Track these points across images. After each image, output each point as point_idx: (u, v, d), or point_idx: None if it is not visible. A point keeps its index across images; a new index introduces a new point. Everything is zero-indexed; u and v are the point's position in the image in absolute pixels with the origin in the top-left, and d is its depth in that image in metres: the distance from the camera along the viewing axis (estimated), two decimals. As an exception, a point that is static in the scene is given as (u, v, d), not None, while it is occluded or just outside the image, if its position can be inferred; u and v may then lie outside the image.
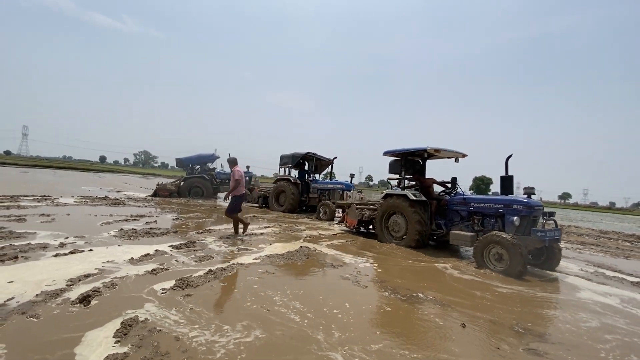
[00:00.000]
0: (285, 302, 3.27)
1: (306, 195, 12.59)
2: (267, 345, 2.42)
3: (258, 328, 2.67)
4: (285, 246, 5.98)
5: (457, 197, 6.74)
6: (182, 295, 3.25)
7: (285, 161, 13.04)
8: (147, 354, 2.17)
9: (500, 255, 5.18)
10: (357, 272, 4.69)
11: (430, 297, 3.87)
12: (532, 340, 2.90)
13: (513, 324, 3.22)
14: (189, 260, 4.55)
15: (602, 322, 3.52)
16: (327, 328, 2.79)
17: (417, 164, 8.08)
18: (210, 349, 2.31)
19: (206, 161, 16.97)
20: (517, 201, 5.64)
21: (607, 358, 2.71)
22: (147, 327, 2.54)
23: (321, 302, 3.40)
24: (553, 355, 2.65)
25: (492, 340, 2.84)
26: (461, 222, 6.55)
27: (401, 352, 2.49)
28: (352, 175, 13.13)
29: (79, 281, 3.39)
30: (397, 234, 7.09)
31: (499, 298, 4.05)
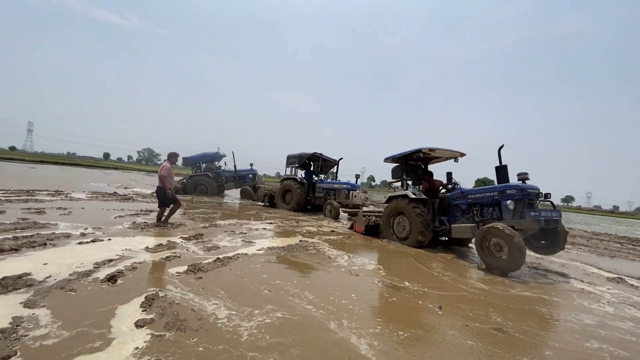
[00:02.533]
0: (280, 283, 3.74)
1: (312, 195, 12.85)
2: (265, 314, 2.88)
3: (260, 303, 3.13)
4: (285, 240, 6.45)
5: (455, 192, 6.92)
6: (194, 277, 3.71)
7: (292, 161, 13.25)
8: (169, 320, 2.63)
9: (500, 246, 5.21)
10: (349, 262, 5.14)
11: (412, 286, 4.31)
12: (497, 324, 3.35)
13: (486, 310, 3.67)
14: (198, 249, 5.02)
15: (575, 318, 3.96)
16: (307, 298, 3.25)
17: (419, 168, 8.24)
18: (217, 316, 2.78)
19: (212, 159, 17.52)
20: (510, 186, 5.84)
21: (566, 337, 3.15)
22: (167, 301, 3.00)
23: (303, 280, 3.86)
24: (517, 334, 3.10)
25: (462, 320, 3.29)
26: (462, 216, 6.72)
27: (390, 328, 2.95)
28: (358, 175, 13.30)
29: (103, 264, 3.86)
30: (402, 234, 7.24)
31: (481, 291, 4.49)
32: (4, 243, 4.26)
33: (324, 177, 13.80)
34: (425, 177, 7.79)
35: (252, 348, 2.33)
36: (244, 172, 17.51)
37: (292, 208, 12.37)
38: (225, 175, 17.29)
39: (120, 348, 2.18)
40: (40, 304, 2.71)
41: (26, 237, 4.71)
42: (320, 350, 2.40)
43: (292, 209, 12.32)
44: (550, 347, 2.86)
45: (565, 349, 2.84)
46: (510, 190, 5.78)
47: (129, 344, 2.23)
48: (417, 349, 2.59)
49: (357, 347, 2.50)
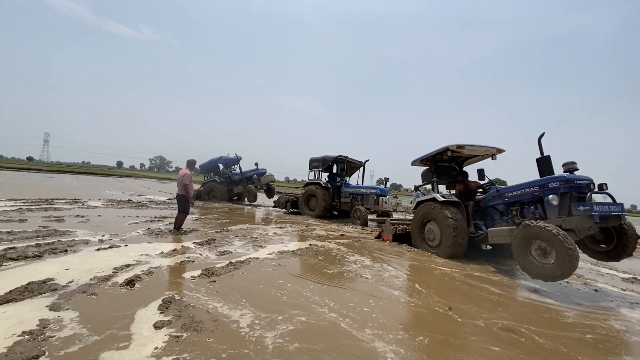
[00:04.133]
0: (292, 287, 3.82)
1: (337, 200, 12.24)
2: (274, 313, 2.96)
3: (267, 305, 3.22)
4: (296, 244, 6.53)
5: (491, 192, 6.14)
6: (208, 281, 3.83)
7: (315, 164, 12.70)
8: (186, 321, 2.73)
9: (545, 250, 4.40)
10: (357, 265, 5.19)
11: (422, 289, 4.34)
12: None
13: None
14: (210, 254, 5.15)
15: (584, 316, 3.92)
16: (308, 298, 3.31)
17: (452, 170, 7.47)
18: (230, 318, 2.87)
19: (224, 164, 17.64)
20: (553, 178, 5.01)
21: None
22: (183, 303, 3.11)
23: (315, 284, 3.93)
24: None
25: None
26: (500, 218, 5.97)
27: (402, 332, 3.00)
28: (387, 179, 12.42)
29: (122, 269, 4.01)
30: (433, 243, 6.52)
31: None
32: (27, 250, 4.46)
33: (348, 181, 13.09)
34: (459, 178, 7.06)
35: (260, 345, 2.42)
36: (249, 173, 17.41)
37: (317, 214, 11.84)
38: (234, 178, 17.33)
39: (141, 348, 2.29)
40: (65, 307, 2.85)
41: (48, 244, 4.91)
42: (321, 335, 2.47)
43: (317, 215, 11.80)
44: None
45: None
46: (553, 183, 4.94)
47: (149, 344, 2.34)
48: (440, 353, 2.63)
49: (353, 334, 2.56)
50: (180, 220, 6.95)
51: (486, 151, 6.53)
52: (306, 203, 12.50)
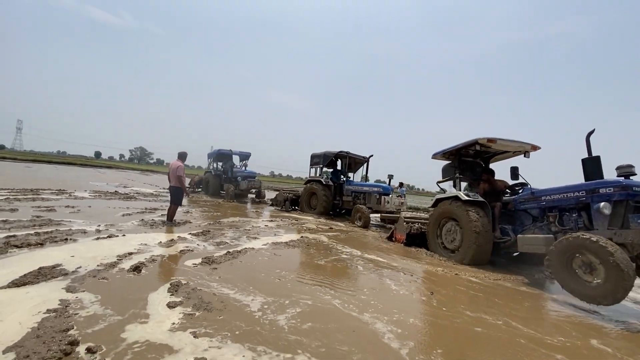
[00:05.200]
0: (279, 272, 4.15)
1: (339, 198, 11.76)
2: (274, 293, 3.28)
3: (269, 287, 3.53)
4: (288, 236, 6.85)
5: (524, 193, 5.49)
6: (210, 268, 4.09)
7: (316, 161, 12.22)
8: (195, 302, 3.00)
9: (592, 266, 3.75)
10: (347, 255, 5.57)
11: (402, 271, 4.75)
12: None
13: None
14: (208, 245, 5.39)
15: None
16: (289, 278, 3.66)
17: (477, 167, 6.79)
18: (240, 301, 3.16)
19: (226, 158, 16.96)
20: (605, 183, 4.32)
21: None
22: (190, 287, 3.37)
23: (306, 268, 4.27)
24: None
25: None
26: (533, 224, 5.28)
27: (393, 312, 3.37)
28: (391, 176, 11.42)
29: (125, 257, 4.21)
30: (451, 245, 5.96)
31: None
32: (29, 238, 4.58)
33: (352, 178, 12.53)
34: (484, 176, 6.32)
35: (265, 321, 2.73)
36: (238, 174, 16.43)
37: (318, 213, 11.45)
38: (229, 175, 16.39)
39: (160, 323, 2.55)
40: (80, 289, 3.07)
41: (46, 233, 5.02)
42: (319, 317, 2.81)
43: (319, 214, 11.41)
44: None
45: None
46: (606, 189, 4.26)
47: (167, 321, 2.60)
48: (429, 334, 3.01)
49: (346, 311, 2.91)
50: (172, 211, 7.12)
51: (519, 147, 5.85)
52: (307, 201, 12.13)
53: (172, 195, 7.18)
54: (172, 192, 7.20)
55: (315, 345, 2.43)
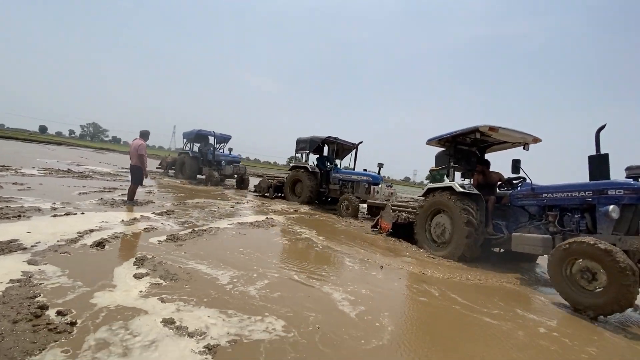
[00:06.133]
0: (243, 249, 4.39)
1: (325, 186, 11.23)
2: (239, 267, 3.52)
3: (239, 264, 3.77)
4: (253, 217, 7.05)
5: (523, 189, 5.17)
6: (175, 245, 4.22)
7: (302, 146, 11.71)
8: (162, 274, 3.16)
9: (592, 273, 3.47)
10: (304, 235, 5.91)
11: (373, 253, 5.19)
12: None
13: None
14: (172, 224, 5.45)
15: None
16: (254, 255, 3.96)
17: (473, 156, 6.47)
18: (202, 271, 3.37)
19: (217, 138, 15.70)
20: (613, 184, 4.03)
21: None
22: (156, 261, 3.50)
23: (269, 245, 4.56)
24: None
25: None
26: (530, 222, 5.03)
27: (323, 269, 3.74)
28: (381, 165, 10.94)
29: (86, 234, 4.19)
30: (441, 239, 5.69)
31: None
32: (-23, 214, 4.37)
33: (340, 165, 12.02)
34: (478, 167, 6.10)
35: (236, 291, 2.98)
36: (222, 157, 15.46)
37: (303, 201, 10.96)
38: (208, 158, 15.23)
39: (128, 291, 2.70)
40: (42, 262, 3.09)
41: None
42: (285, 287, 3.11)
43: (304, 202, 10.94)
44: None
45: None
46: (616, 190, 3.98)
47: (134, 290, 2.75)
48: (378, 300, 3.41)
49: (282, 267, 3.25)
50: (132, 191, 7.00)
51: (521, 138, 5.54)
52: (291, 188, 11.66)
53: (133, 174, 7.06)
54: (133, 172, 7.07)
55: (285, 311, 2.71)
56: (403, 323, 2.87)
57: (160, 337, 2.07)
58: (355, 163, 11.64)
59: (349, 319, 2.74)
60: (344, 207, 9.55)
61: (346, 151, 12.08)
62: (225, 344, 2.13)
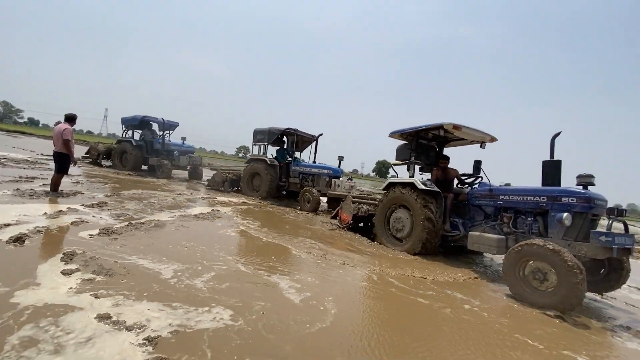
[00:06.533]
0: (186, 242, 4.28)
1: (285, 179, 10.94)
2: (183, 260, 3.44)
3: (182, 258, 3.66)
4: (199, 209, 6.80)
5: (481, 188, 5.35)
6: (109, 239, 3.93)
7: (260, 137, 11.18)
8: (95, 269, 2.96)
9: (543, 273, 3.67)
10: (252, 226, 5.91)
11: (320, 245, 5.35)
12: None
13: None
14: (105, 216, 5.05)
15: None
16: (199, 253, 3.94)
17: (432, 150, 6.68)
18: (142, 265, 3.23)
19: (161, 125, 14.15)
20: (568, 192, 4.24)
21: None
22: (87, 256, 3.25)
23: (214, 239, 4.51)
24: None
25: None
26: (485, 222, 5.18)
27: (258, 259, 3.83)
28: (341, 157, 10.89)
29: (0, 228, 3.71)
30: (400, 234, 5.77)
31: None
32: None
33: (300, 157, 11.70)
34: (440, 163, 6.13)
35: (180, 285, 2.91)
36: (173, 147, 14.19)
37: (262, 195, 10.53)
38: (156, 147, 13.86)
39: (56, 288, 2.50)
40: (-57, 261, 2.70)
41: None
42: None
43: (262, 196, 10.51)
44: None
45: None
46: (569, 198, 4.19)
47: (63, 287, 2.55)
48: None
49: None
50: (57, 180, 6.29)
51: (480, 137, 5.72)
52: (249, 182, 11.13)
53: (57, 162, 6.34)
54: (57, 159, 6.35)
55: (233, 301, 2.73)
56: (346, 306, 3.07)
57: (98, 333, 1.99)
58: (316, 156, 11.39)
59: (294, 305, 2.86)
60: (305, 201, 9.46)
61: (306, 143, 11.78)
62: (167, 335, 2.10)
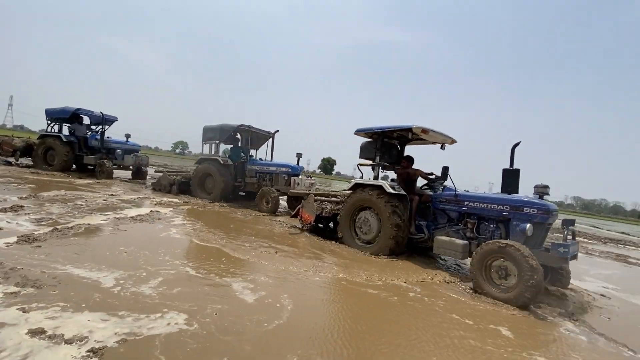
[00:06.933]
0: (125, 247, 3.99)
1: (241, 180, 10.27)
2: (125, 267, 3.20)
3: (123, 265, 3.38)
4: (136, 211, 6.28)
5: (447, 193, 5.45)
6: (31, 247, 3.47)
7: (211, 135, 10.36)
8: (18, 281, 2.61)
9: (507, 271, 3.91)
10: (197, 228, 5.68)
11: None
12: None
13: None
14: (23, 221, 4.42)
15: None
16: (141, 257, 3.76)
17: (394, 149, 6.72)
18: (76, 274, 2.94)
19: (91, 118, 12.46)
20: (530, 203, 4.45)
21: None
22: (6, 267, 2.84)
23: (134, 241, 4.28)
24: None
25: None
26: (448, 225, 5.32)
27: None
28: (300, 154, 10.37)
29: None
30: (366, 236, 5.74)
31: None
32: None
33: (255, 156, 11.02)
34: (403, 163, 6.14)
35: (126, 292, 2.70)
36: (114, 145, 12.62)
37: (215, 197, 9.69)
38: (92, 144, 12.25)
39: (-31, 306, 2.14)
40: None
41: None
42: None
43: (216, 198, 9.67)
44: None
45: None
46: (530, 209, 4.41)
47: (-22, 303, 2.20)
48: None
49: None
50: None
51: (443, 139, 5.92)
52: (200, 184, 10.23)
53: None
54: None
55: (188, 305, 2.62)
56: (301, 302, 3.15)
57: (36, 350, 1.81)
58: (273, 153, 10.78)
59: (250, 305, 2.86)
60: (263, 202, 8.96)
61: (262, 140, 11.17)
62: (114, 345, 1.97)
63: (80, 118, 12.62)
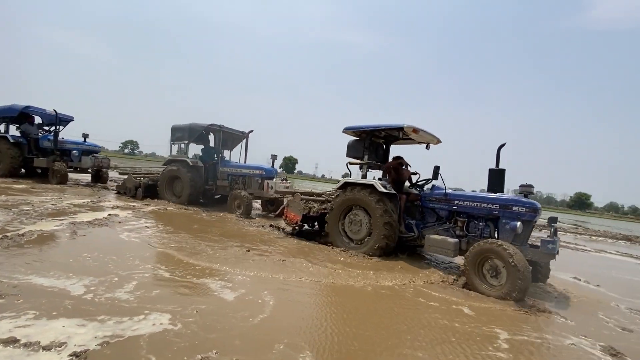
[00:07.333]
0: (88, 253, 3.80)
1: (212, 182, 9.80)
2: (93, 274, 3.05)
3: (76, 266, 3.20)
4: (92, 215, 5.88)
5: (436, 192, 5.46)
6: (-21, 258, 3.15)
7: (180, 135, 9.74)
8: (-29, 293, 2.38)
9: (497, 270, 4.03)
10: (155, 229, 5.49)
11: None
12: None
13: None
14: (-37, 230, 3.97)
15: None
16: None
17: (380, 148, 6.75)
18: (34, 283, 2.76)
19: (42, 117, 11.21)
20: (518, 202, 4.55)
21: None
22: (-45, 279, 2.57)
23: (97, 246, 4.11)
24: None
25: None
26: (437, 224, 5.35)
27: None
28: (275, 156, 10.11)
29: None
30: (356, 236, 5.70)
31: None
32: None
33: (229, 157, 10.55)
34: (394, 162, 6.04)
35: (100, 298, 2.59)
36: (69, 146, 11.59)
37: (184, 201, 9.12)
38: (43, 145, 11.22)
39: None
40: None
41: None
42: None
43: (185, 202, 9.10)
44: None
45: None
46: (518, 207, 4.52)
47: None
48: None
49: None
50: None
51: (431, 139, 5.99)
52: (169, 187, 9.66)
53: None
54: None
55: (172, 307, 2.58)
56: (283, 296, 3.21)
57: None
58: (247, 155, 10.37)
59: (231, 303, 2.88)
60: (236, 206, 8.57)
61: (235, 141, 10.69)
62: (97, 347, 1.92)
63: (31, 117, 11.46)
